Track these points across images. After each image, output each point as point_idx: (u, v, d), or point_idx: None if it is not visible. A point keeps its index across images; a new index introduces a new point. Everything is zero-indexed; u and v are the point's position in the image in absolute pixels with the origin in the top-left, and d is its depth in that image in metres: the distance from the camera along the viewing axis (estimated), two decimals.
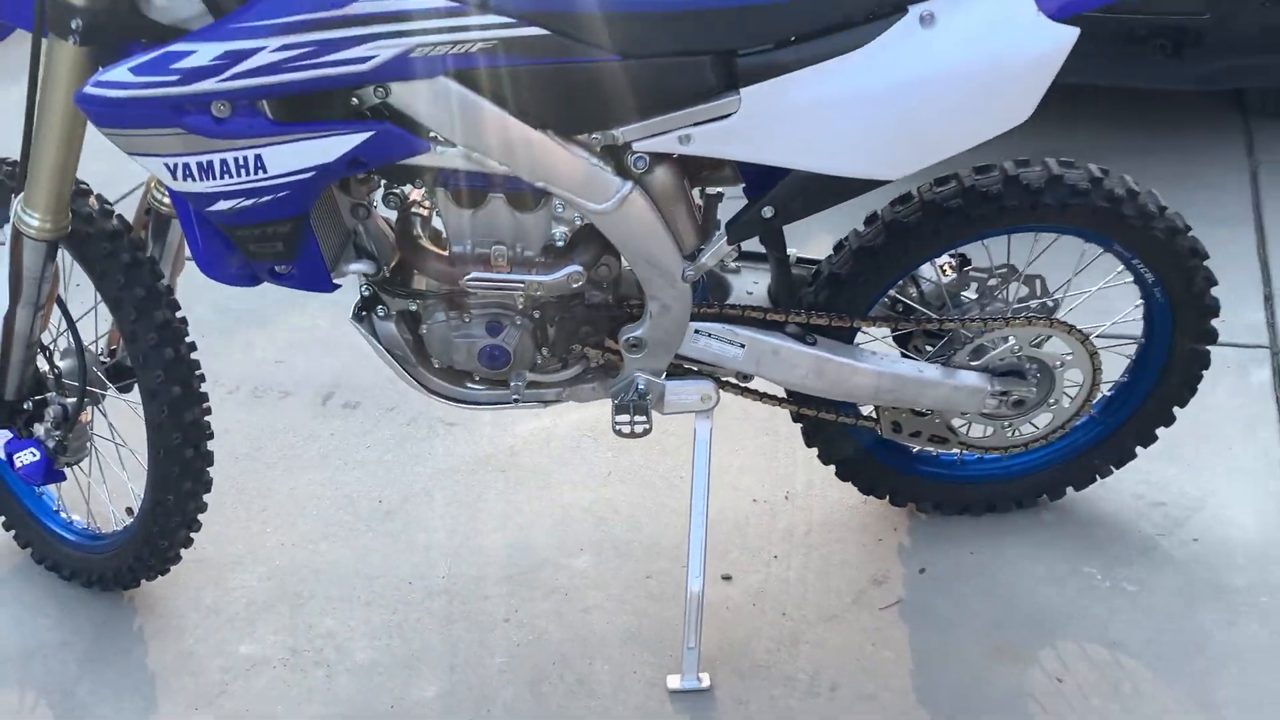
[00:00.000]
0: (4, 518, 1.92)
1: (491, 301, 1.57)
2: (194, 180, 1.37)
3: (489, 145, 1.40)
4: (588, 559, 1.89)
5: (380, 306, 1.61)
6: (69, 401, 1.70)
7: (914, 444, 1.81)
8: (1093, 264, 1.82)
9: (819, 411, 1.75)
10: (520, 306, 1.57)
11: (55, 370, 1.73)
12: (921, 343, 1.77)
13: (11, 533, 1.92)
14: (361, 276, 1.58)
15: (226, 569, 1.89)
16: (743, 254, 1.72)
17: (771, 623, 1.76)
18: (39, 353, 1.70)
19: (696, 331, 1.59)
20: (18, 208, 1.52)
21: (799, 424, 1.83)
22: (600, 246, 1.53)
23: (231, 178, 1.37)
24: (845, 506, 1.98)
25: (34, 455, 1.69)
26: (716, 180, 1.58)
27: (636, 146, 1.42)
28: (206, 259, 1.50)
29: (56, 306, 1.69)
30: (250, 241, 1.45)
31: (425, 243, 1.57)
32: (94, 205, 1.61)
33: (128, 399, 1.81)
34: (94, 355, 1.78)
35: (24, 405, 1.70)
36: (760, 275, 1.71)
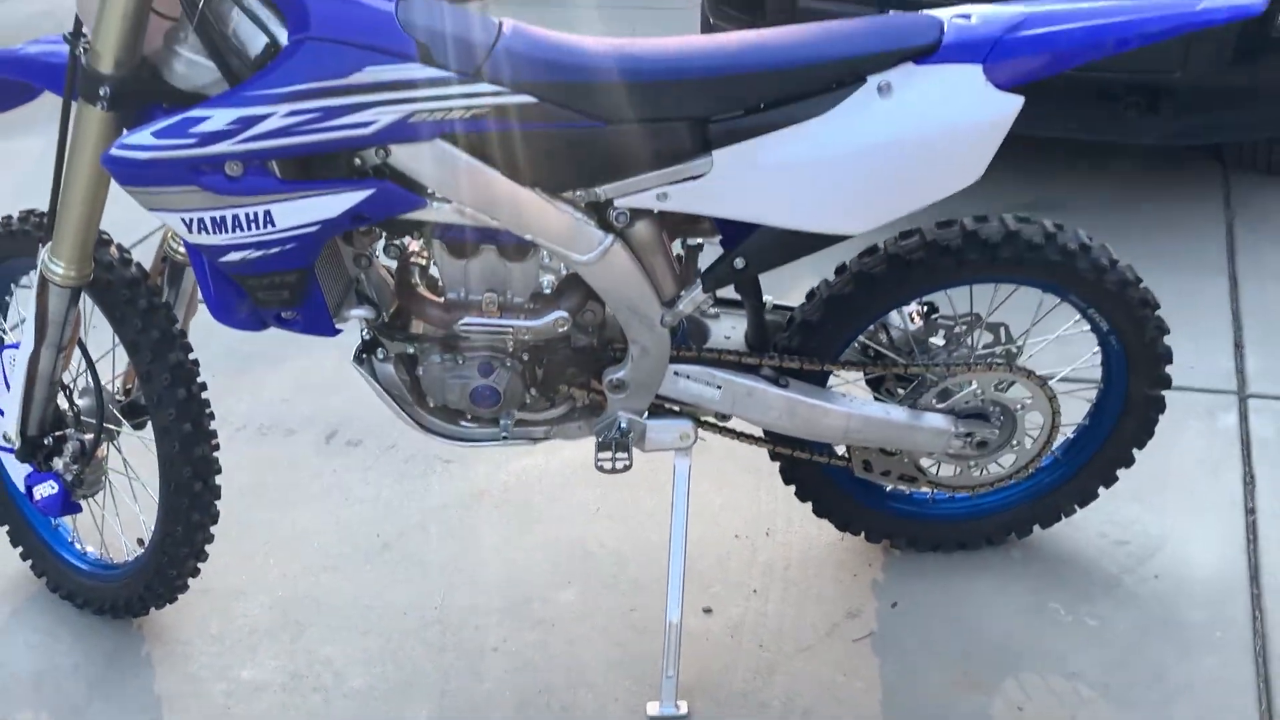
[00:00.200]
0: (21, 548, 2.02)
1: (483, 345, 1.67)
2: (208, 233, 1.48)
3: (482, 202, 1.51)
4: (574, 592, 1.97)
5: (380, 349, 1.72)
6: (87, 437, 1.81)
7: (885, 482, 1.90)
8: (1053, 313, 1.92)
9: (794, 450, 1.85)
10: (510, 349, 1.68)
11: (74, 408, 1.84)
12: (893, 386, 1.87)
13: (28, 562, 2.02)
14: (362, 321, 1.68)
15: (231, 598, 1.98)
16: (722, 301, 1.83)
17: (749, 653, 1.85)
18: (60, 391, 1.81)
19: (676, 373, 1.70)
20: (45, 256, 1.64)
21: (777, 462, 1.92)
22: (585, 294, 1.64)
23: (243, 231, 1.48)
24: (823, 543, 2.07)
25: (53, 488, 1.79)
26: (696, 233, 1.69)
27: (618, 203, 1.53)
28: (218, 305, 1.61)
29: (77, 348, 1.80)
30: (259, 290, 1.56)
31: (422, 290, 1.69)
32: (114, 254, 1.73)
33: (141, 436, 1.92)
34: (110, 394, 1.89)
35: (45, 440, 1.81)
36: (738, 321, 1.82)
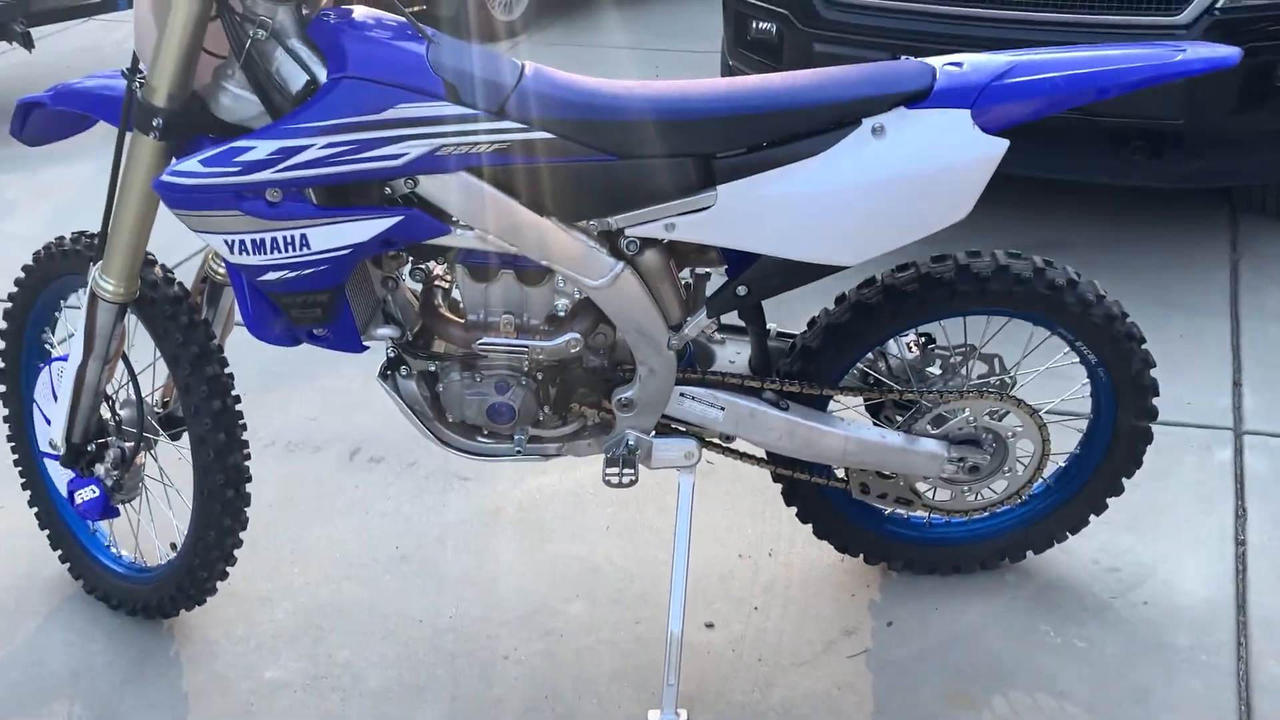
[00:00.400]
0: (61, 552, 2.13)
1: (500, 364, 1.78)
2: (248, 254, 1.60)
3: (502, 229, 1.62)
4: (582, 605, 2.06)
5: (403, 367, 1.82)
6: (127, 445, 1.92)
7: (881, 504, 1.98)
8: (1045, 346, 2.00)
9: (794, 472, 1.94)
10: (526, 369, 1.78)
11: (116, 417, 1.95)
12: (892, 413, 1.96)
13: (67, 565, 2.13)
14: (388, 340, 1.79)
15: (257, 603, 2.08)
16: (727, 328, 1.93)
17: (748, 667, 1.92)
18: (103, 401, 1.93)
19: (681, 394, 1.79)
20: (96, 274, 1.76)
21: (778, 484, 2.01)
22: (596, 317, 1.74)
23: (280, 253, 1.60)
24: (823, 564, 2.14)
25: (94, 492, 1.90)
26: (703, 263, 1.79)
27: (628, 232, 1.64)
28: (255, 322, 1.72)
29: (121, 361, 1.92)
30: (294, 308, 1.67)
31: (445, 311, 1.79)
32: (159, 274, 1.85)
33: (177, 446, 2.03)
34: (150, 406, 2.01)
35: (88, 447, 1.92)
36: (743, 347, 1.91)
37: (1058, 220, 3.53)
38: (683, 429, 1.86)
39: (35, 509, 2.15)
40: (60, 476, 2.00)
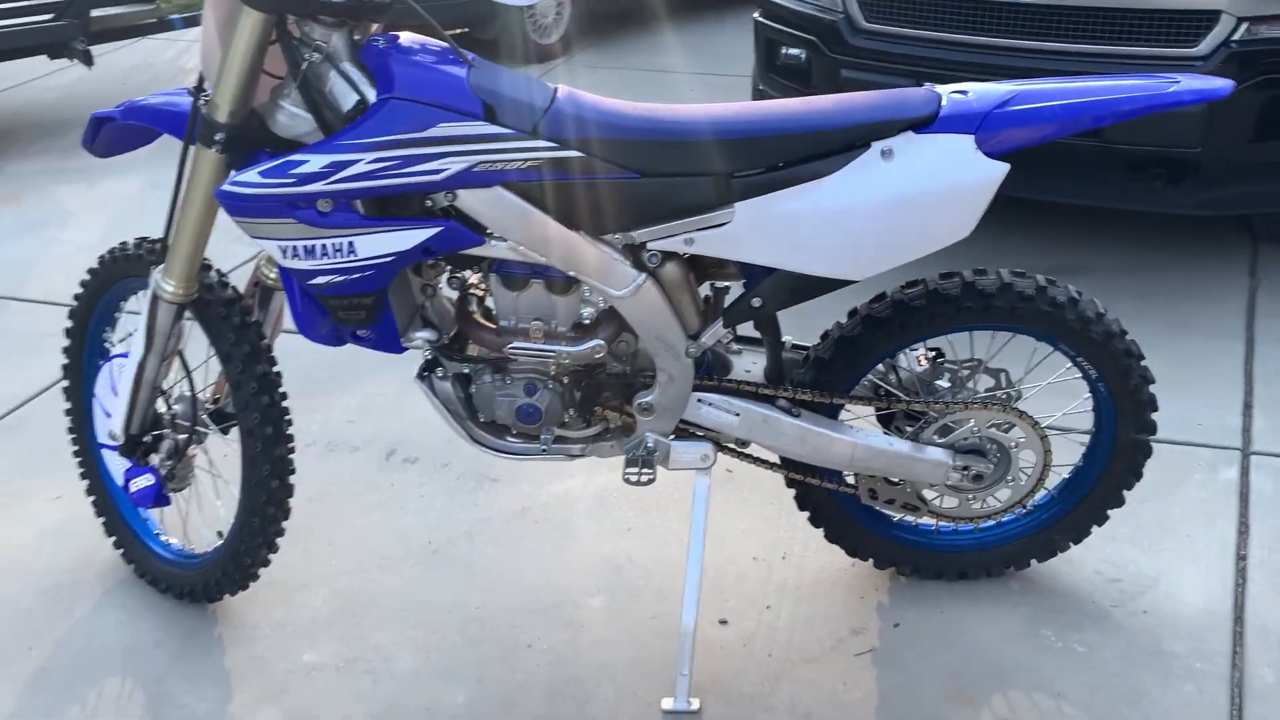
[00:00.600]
0: (115, 538, 2.27)
1: (529, 367, 1.89)
2: (300, 259, 1.73)
3: (533, 241, 1.74)
4: (603, 599, 2.17)
5: (439, 369, 1.95)
6: (180, 437, 2.06)
7: (889, 510, 2.07)
8: (1050, 360, 2.09)
9: (806, 476, 2.03)
10: (553, 372, 1.90)
11: (171, 411, 2.09)
12: (902, 424, 2.05)
13: (119, 551, 2.26)
14: (425, 343, 1.91)
15: (295, 590, 2.20)
16: (744, 339, 2.04)
17: (759, 662, 2.02)
18: (159, 396, 2.06)
19: (699, 400, 1.90)
20: (157, 276, 1.90)
21: (792, 489, 2.10)
22: (619, 325, 1.85)
23: (329, 259, 1.72)
24: (835, 568, 2.24)
25: (148, 481, 2.03)
26: (722, 276, 1.90)
27: (650, 245, 1.75)
28: (304, 322, 1.85)
29: (177, 359, 2.06)
30: (340, 310, 1.80)
31: (478, 317, 1.92)
32: (214, 278, 1.98)
33: (226, 439, 2.16)
34: (202, 401, 2.14)
35: (144, 439, 2.06)
36: (759, 357, 2.02)
37: (1080, 245, 3.61)
38: (700, 433, 1.96)
39: (92, 498, 2.29)
40: (117, 467, 2.14)
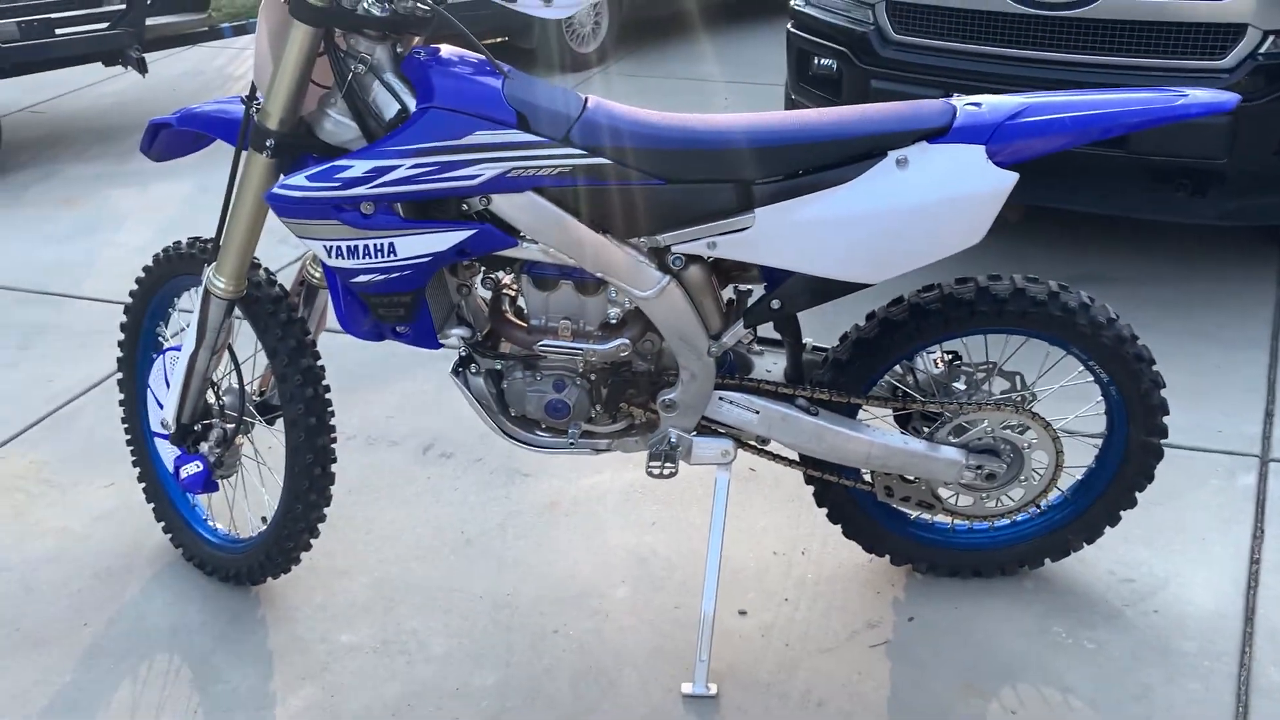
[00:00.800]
0: (164, 523, 2.39)
1: (558, 364, 1.98)
2: (344, 259, 1.83)
3: (563, 244, 1.83)
4: (627, 590, 2.25)
5: (473, 365, 2.04)
6: (228, 427, 2.17)
7: (905, 508, 2.14)
8: (1064, 364, 2.15)
9: (824, 473, 2.11)
10: (580, 369, 1.98)
11: (220, 402, 2.20)
12: (919, 425, 2.12)
13: (169, 535, 2.38)
14: (460, 340, 2.01)
15: (335, 576, 2.31)
16: (766, 341, 2.11)
17: (776, 651, 2.09)
18: (210, 387, 2.18)
19: (720, 398, 1.98)
20: (210, 274, 2.01)
21: (811, 486, 2.17)
22: (644, 325, 1.94)
23: (371, 258, 1.83)
24: (852, 563, 2.30)
25: (197, 467, 2.15)
26: (745, 279, 1.98)
27: (675, 249, 1.84)
28: (347, 319, 1.96)
29: (227, 352, 2.17)
30: (380, 307, 1.90)
31: (510, 316, 2.01)
32: (263, 276, 2.09)
33: (271, 430, 2.27)
34: (249, 393, 2.25)
35: (194, 427, 2.17)
36: (780, 358, 2.09)
37: (1105, 254, 3.65)
38: (721, 430, 2.04)
39: (143, 484, 2.41)
40: (168, 454, 2.26)
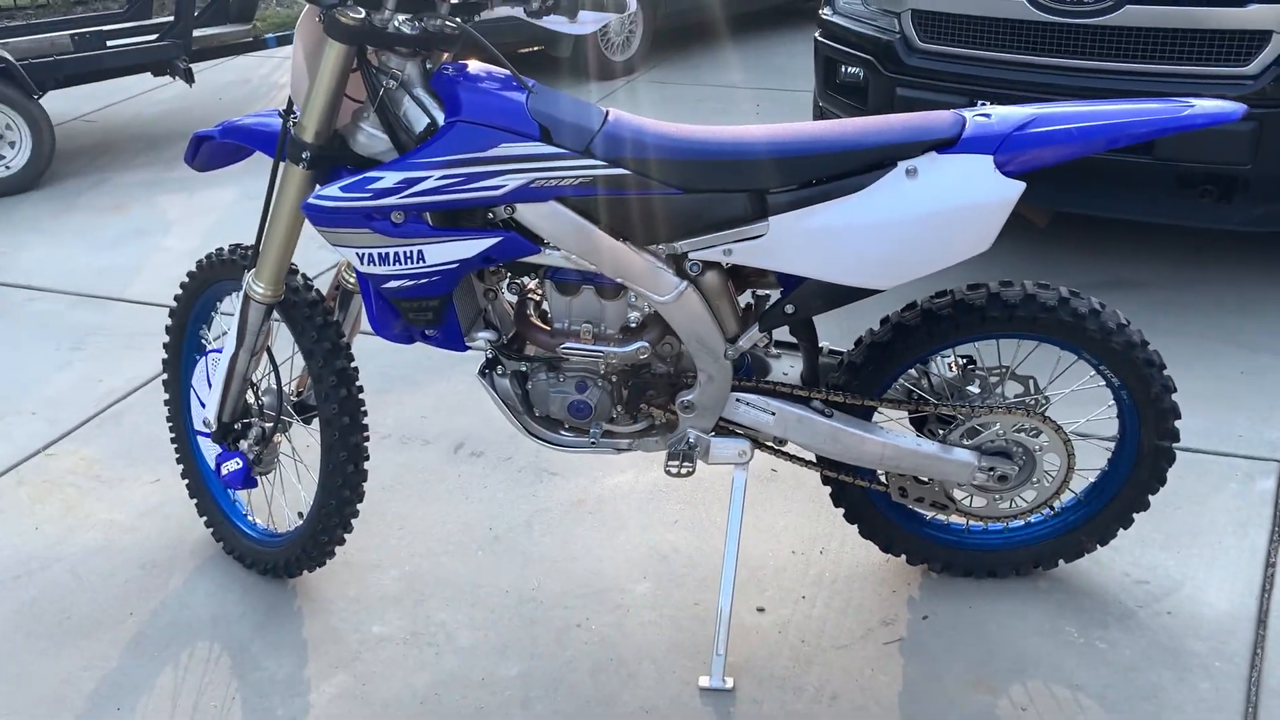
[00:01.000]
0: (206, 518, 2.49)
1: (580, 366, 2.06)
2: (375, 265, 1.92)
3: (584, 251, 1.90)
4: (648, 586, 2.32)
5: (499, 367, 2.12)
6: (267, 425, 2.26)
7: (919, 508, 2.19)
8: (1076, 368, 2.18)
9: (840, 474, 2.16)
10: (602, 371, 2.06)
11: (259, 401, 2.30)
12: (934, 427, 2.17)
13: (210, 530, 2.48)
14: (487, 343, 2.09)
15: (368, 570, 2.40)
16: (783, 344, 2.17)
17: (792, 646, 2.15)
18: (249, 387, 2.28)
19: (738, 400, 2.04)
20: (249, 279, 2.11)
21: (828, 486, 2.23)
22: (663, 329, 2.01)
23: (401, 265, 1.91)
24: (869, 563, 2.35)
25: (237, 464, 2.24)
26: (762, 285, 2.04)
27: (691, 255, 1.90)
28: (378, 322, 2.04)
29: (266, 354, 2.26)
30: (410, 311, 1.98)
31: (535, 320, 2.09)
32: (300, 281, 2.19)
33: (308, 429, 2.36)
34: (288, 393, 2.35)
35: (235, 426, 2.27)
36: (797, 361, 2.15)
37: (1131, 260, 3.66)
38: (739, 431, 2.10)
39: (186, 481, 2.52)
40: (210, 452, 2.36)
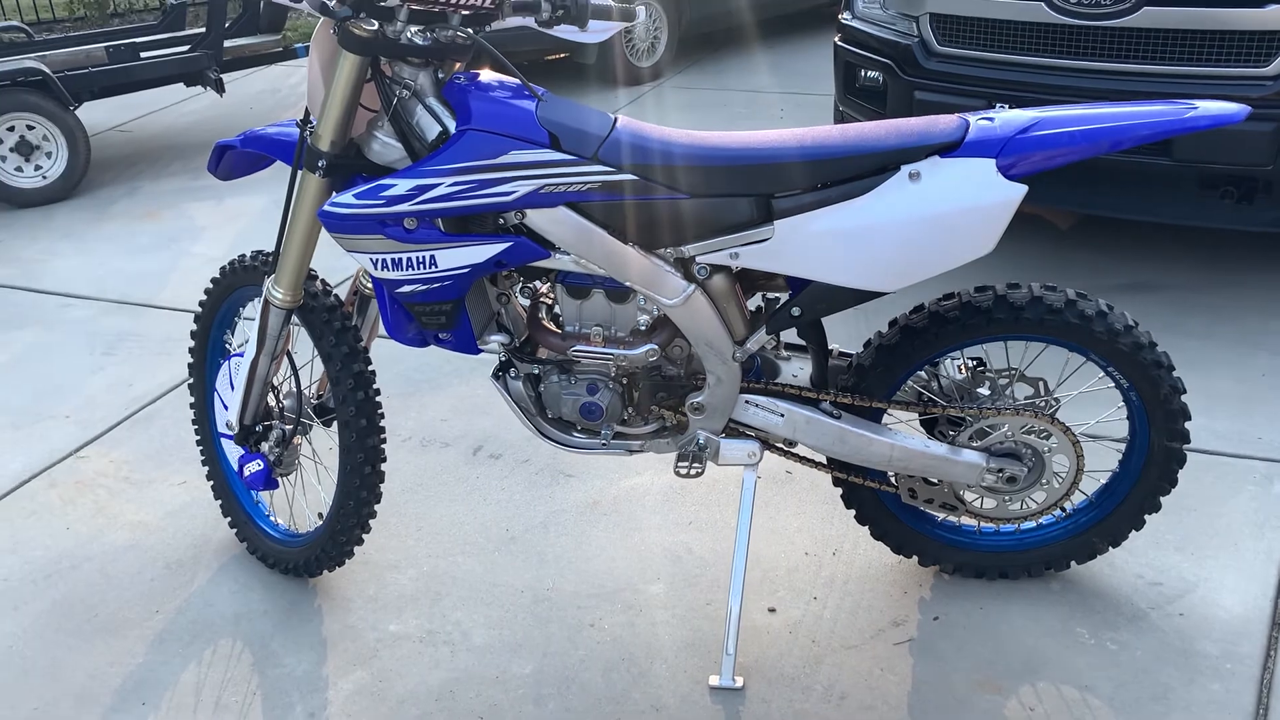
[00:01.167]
0: (230, 519, 2.55)
1: (591, 369, 2.09)
2: (389, 270, 1.96)
3: (593, 255, 1.93)
4: (661, 586, 2.34)
5: (512, 369, 2.16)
6: (287, 428, 2.32)
7: (929, 510, 2.20)
8: (1086, 369, 2.19)
9: (850, 475, 2.18)
10: (612, 374, 2.09)
11: (280, 404, 2.35)
12: (945, 429, 2.18)
13: (234, 530, 2.54)
14: (500, 346, 2.13)
15: (387, 569, 2.44)
16: (793, 347, 2.19)
17: (802, 647, 2.17)
18: (270, 390, 2.33)
19: (747, 402, 2.06)
20: (269, 285, 2.16)
21: (839, 488, 2.24)
22: (672, 332, 2.03)
23: (413, 270, 1.95)
24: (882, 565, 2.37)
25: (259, 466, 2.30)
26: (772, 288, 2.07)
27: (699, 259, 1.93)
28: (393, 326, 2.09)
29: (286, 358, 2.32)
30: (423, 315, 2.03)
31: (547, 323, 2.12)
32: (319, 287, 2.24)
33: (328, 432, 2.41)
34: (307, 396, 2.40)
35: (256, 428, 2.33)
36: (807, 364, 2.17)
37: (1153, 262, 3.64)
38: (749, 433, 2.13)
39: (211, 483, 2.57)
40: (233, 454, 2.42)
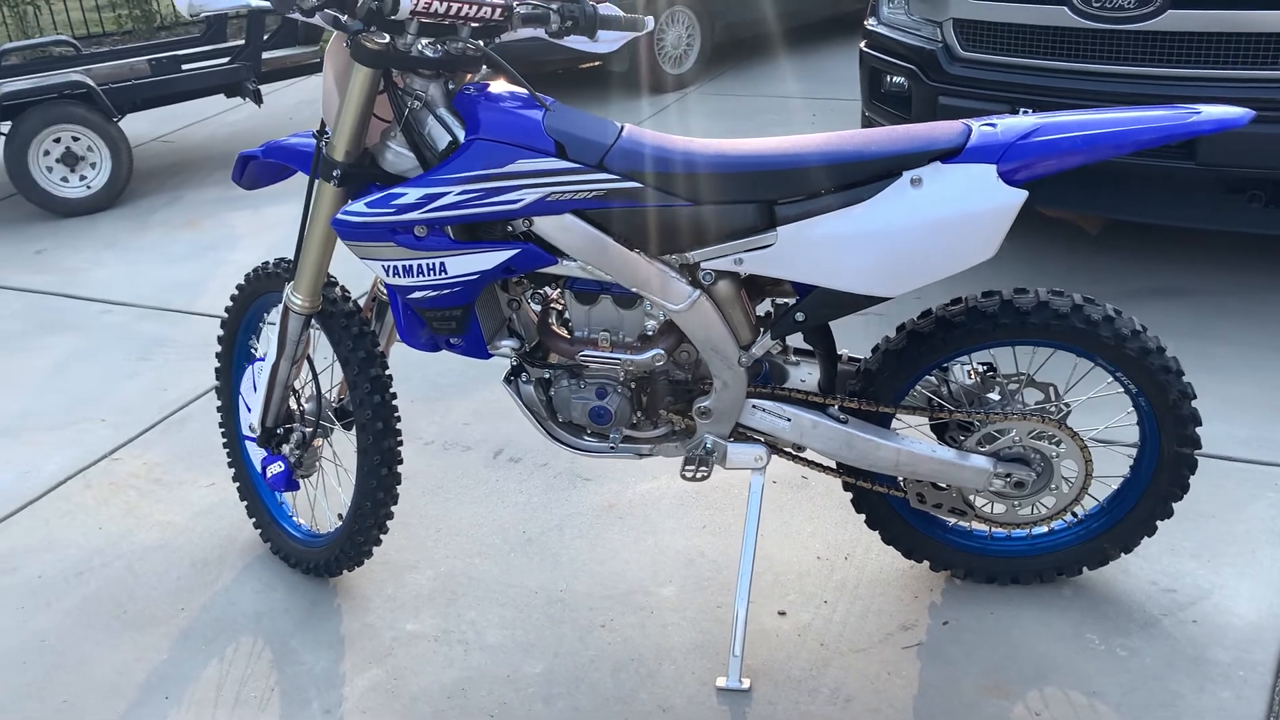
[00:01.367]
0: (254, 520, 2.61)
1: (600, 373, 2.12)
2: (400, 277, 2.01)
3: (600, 261, 1.97)
4: (673, 589, 2.37)
5: (524, 374, 2.20)
6: (308, 430, 2.37)
7: (937, 514, 2.20)
8: (1095, 374, 2.18)
9: (858, 480, 2.19)
10: (621, 379, 2.12)
11: (300, 407, 2.41)
12: (955, 435, 2.18)
13: (258, 531, 2.60)
14: (511, 350, 2.17)
15: (404, 569, 2.49)
16: (802, 352, 2.21)
17: (810, 650, 2.18)
18: (291, 394, 2.39)
19: (754, 406, 2.09)
20: (288, 291, 2.22)
21: (848, 492, 2.25)
22: (679, 337, 2.06)
23: (424, 277, 2.00)
24: (894, 570, 2.37)
25: (280, 467, 2.36)
26: (779, 293, 2.09)
27: (704, 265, 1.96)
28: (406, 331, 2.13)
29: (306, 362, 2.37)
30: (435, 320, 2.07)
31: (556, 328, 2.16)
32: (338, 293, 2.29)
33: (348, 435, 2.47)
34: (327, 400, 2.46)
35: (278, 430, 2.38)
36: (815, 369, 2.19)
37: (1183, 266, 3.60)
38: (756, 437, 2.14)
39: (237, 484, 2.64)
40: (256, 456, 2.48)
